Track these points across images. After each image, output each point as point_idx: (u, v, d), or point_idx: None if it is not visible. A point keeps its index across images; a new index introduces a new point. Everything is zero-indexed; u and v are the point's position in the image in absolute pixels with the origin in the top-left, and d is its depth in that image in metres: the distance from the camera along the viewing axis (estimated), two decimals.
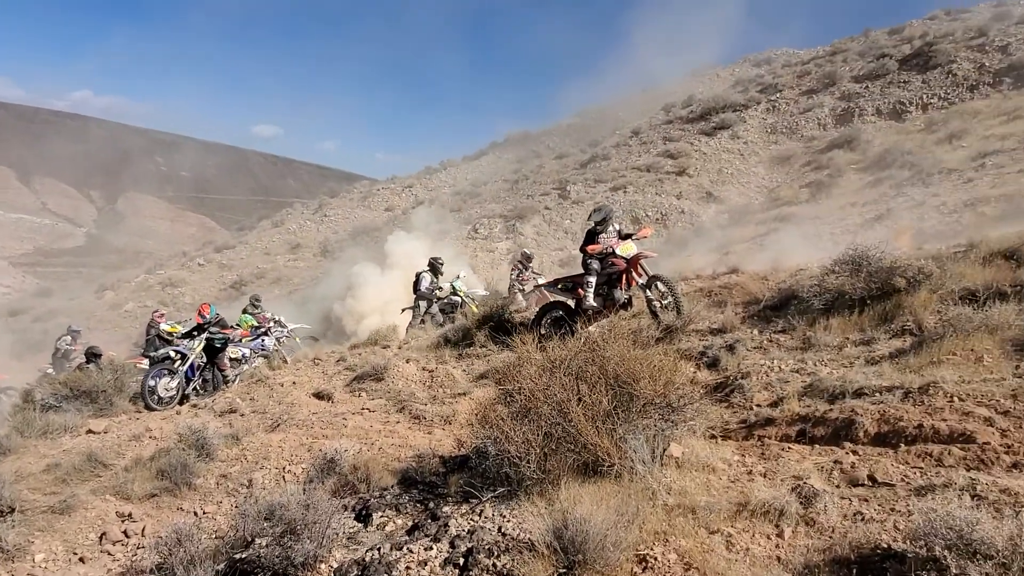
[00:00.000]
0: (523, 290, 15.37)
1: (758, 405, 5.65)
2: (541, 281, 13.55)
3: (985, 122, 20.56)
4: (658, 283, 8.45)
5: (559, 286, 9.27)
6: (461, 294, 14.81)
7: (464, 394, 8.13)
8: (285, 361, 12.05)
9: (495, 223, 26.61)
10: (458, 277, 15.29)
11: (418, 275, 15.19)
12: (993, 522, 2.74)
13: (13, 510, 5.99)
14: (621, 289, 8.75)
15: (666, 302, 8.31)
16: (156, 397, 9.98)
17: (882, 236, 11.41)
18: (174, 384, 10.27)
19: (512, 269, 16.59)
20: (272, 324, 14.69)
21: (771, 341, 7.23)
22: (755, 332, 7.55)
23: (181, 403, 10.31)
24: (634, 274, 8.69)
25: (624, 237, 8.91)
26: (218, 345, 11.08)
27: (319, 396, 9.12)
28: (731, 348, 7.10)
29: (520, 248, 19.77)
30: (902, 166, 19.52)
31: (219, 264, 34.66)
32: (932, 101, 23.74)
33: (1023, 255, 7.17)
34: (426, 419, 7.69)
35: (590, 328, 8.34)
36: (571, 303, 9.07)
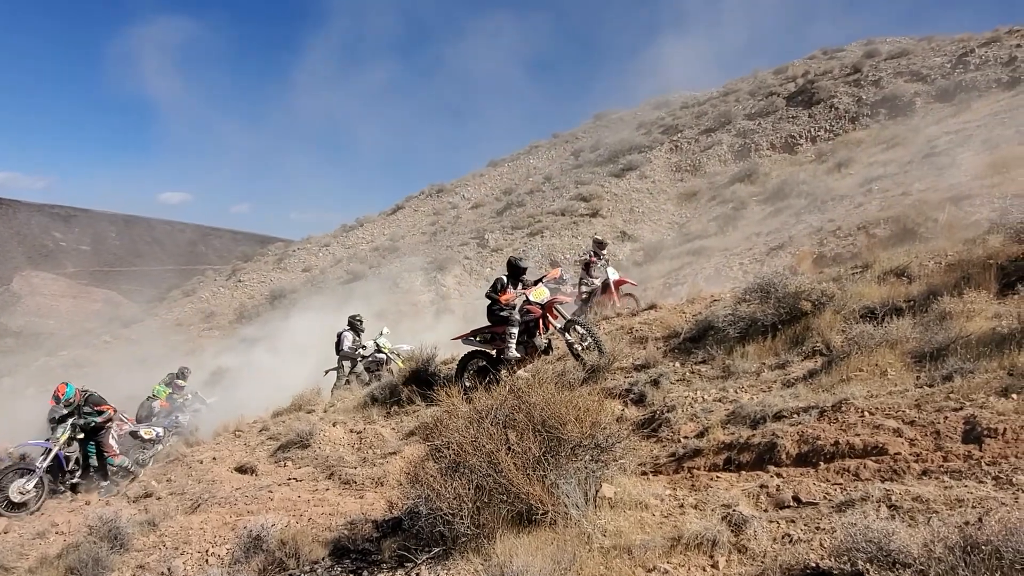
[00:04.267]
0: (593, 283, 13.62)
1: (685, 437, 5.74)
2: (612, 275, 13.12)
3: (868, 150, 22.09)
4: (576, 326, 8.56)
5: (478, 338, 9.20)
6: (386, 350, 14.55)
7: (395, 453, 7.94)
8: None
9: (416, 276, 26.51)
10: (381, 333, 15.04)
11: (339, 335, 14.87)
12: (908, 531, 2.85)
13: None
14: (540, 335, 8.80)
15: (586, 343, 8.42)
16: (7, 502, 8.79)
17: (786, 262, 11.98)
18: (31, 485, 9.01)
19: (581, 260, 14.27)
20: (189, 397, 14.05)
21: (693, 372, 7.41)
22: (677, 365, 7.71)
23: (75, 490, 9.54)
24: (550, 318, 8.77)
25: (535, 282, 8.99)
26: (93, 425, 9.81)
27: (242, 470, 8.72)
28: (656, 382, 7.23)
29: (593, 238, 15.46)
30: (799, 195, 20.67)
31: (127, 339, 32.98)
32: (819, 134, 25.38)
33: (912, 272, 7.66)
34: (357, 483, 7.44)
35: (519, 373, 8.35)
36: (492, 352, 9.04)
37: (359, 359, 14.64)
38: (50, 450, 9.49)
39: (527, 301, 8.77)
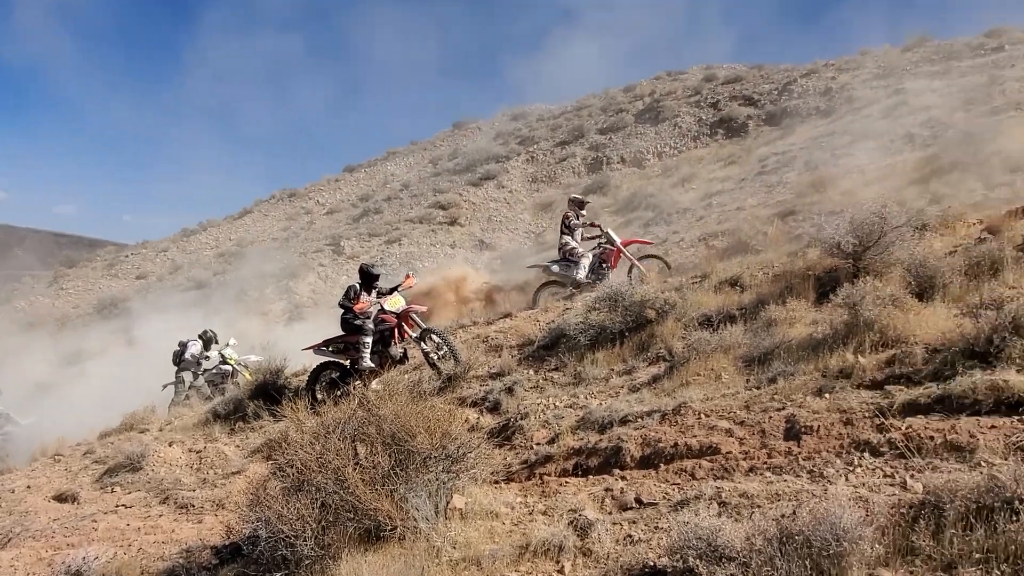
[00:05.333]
0: (575, 253, 11.78)
1: (538, 443, 5.85)
2: (615, 237, 11.59)
3: (708, 167, 23.77)
4: (431, 335, 8.51)
5: (330, 348, 8.91)
6: (232, 362, 13.71)
7: (238, 472, 7.48)
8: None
9: (266, 283, 25.31)
10: (227, 344, 14.18)
11: (183, 344, 13.87)
12: (733, 526, 3.05)
13: None
14: (395, 344, 8.67)
15: (442, 352, 8.39)
16: None
17: (634, 272, 12.57)
18: None
19: (563, 222, 12.18)
20: None
21: (547, 379, 7.56)
22: (531, 372, 7.85)
23: None
24: (406, 327, 8.67)
25: (390, 291, 8.87)
26: None
27: (61, 498, 7.88)
28: (510, 390, 7.32)
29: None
30: (647, 208, 21.84)
31: None
32: (665, 150, 26.99)
33: (745, 282, 8.26)
34: (195, 507, 6.94)
35: (373, 384, 8.16)
36: (346, 363, 8.80)
37: (201, 372, 13.71)
38: None
39: (382, 310, 8.61)
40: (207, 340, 14.01)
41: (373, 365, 8.51)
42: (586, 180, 27.12)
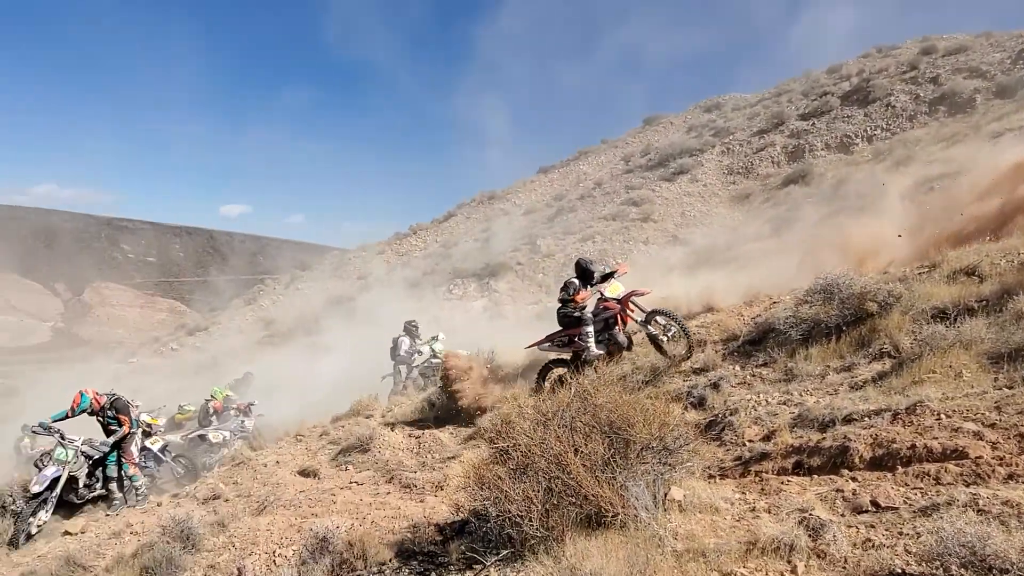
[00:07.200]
0: None
1: (750, 440, 5.66)
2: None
3: (927, 148, 21.35)
4: (657, 317, 8.45)
5: (554, 343, 9.04)
6: (441, 356, 14.67)
7: (454, 457, 8.00)
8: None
9: (469, 282, 26.67)
10: (435, 339, 15.20)
11: (395, 340, 15.09)
12: (1003, 535, 2.75)
13: None
14: (620, 330, 8.72)
15: (671, 333, 8.32)
16: (26, 535, 8.48)
17: (847, 263, 11.68)
18: (47, 515, 8.80)
19: None
20: (255, 402, 14.35)
21: (754, 375, 7.29)
22: (737, 368, 7.60)
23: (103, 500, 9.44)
24: (629, 312, 8.68)
25: (605, 278, 8.91)
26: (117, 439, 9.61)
27: (304, 473, 8.90)
28: (716, 386, 7.15)
29: None
30: (857, 196, 20.09)
31: (192, 347, 33.99)
32: (876, 133, 24.66)
33: (984, 271, 7.37)
34: (417, 487, 7.52)
35: (585, 377, 8.33)
36: (567, 357, 8.96)
37: (414, 364, 14.84)
38: (58, 479, 9.04)
39: (602, 298, 8.70)
40: (410, 330, 15.15)
41: (602, 352, 8.64)
42: (786, 170, 25.58)
